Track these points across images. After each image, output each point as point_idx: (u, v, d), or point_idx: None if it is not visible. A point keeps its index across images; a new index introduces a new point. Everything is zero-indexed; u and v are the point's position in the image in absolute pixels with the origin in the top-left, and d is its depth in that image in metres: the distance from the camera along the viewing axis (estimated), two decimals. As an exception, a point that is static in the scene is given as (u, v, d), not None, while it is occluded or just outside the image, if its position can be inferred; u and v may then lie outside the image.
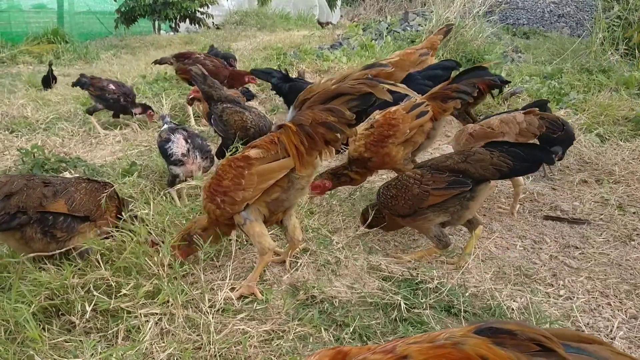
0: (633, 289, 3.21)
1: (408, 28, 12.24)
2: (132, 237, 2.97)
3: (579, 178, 4.96)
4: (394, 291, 2.94)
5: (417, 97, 3.78)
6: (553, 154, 3.17)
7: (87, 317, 2.59)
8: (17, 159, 4.95)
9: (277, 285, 3.06)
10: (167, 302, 2.66)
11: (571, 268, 3.48)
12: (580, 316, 2.88)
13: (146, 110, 6.40)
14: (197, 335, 2.51)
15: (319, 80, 3.29)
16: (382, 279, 3.13)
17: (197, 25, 18.52)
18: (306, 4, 23.85)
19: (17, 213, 2.78)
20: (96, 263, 2.85)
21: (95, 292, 2.66)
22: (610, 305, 3.05)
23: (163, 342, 2.45)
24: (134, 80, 8.64)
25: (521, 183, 4.25)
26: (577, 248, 3.76)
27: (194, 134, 4.30)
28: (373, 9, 18.65)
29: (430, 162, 3.42)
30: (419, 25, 12.12)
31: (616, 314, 2.95)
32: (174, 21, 17.93)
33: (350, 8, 27.84)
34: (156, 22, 18.25)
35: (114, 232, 3.05)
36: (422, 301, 2.85)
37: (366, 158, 3.95)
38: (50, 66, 8.74)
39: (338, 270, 3.20)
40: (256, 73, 6.62)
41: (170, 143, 4.10)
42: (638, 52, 9.04)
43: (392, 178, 3.56)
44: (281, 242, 3.56)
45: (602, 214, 4.26)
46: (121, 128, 6.48)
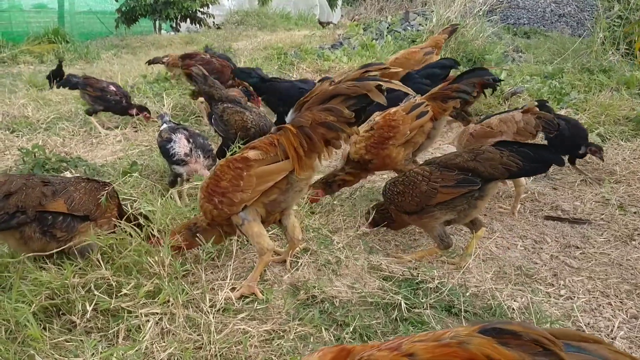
0: (634, 289, 3.21)
1: (409, 28, 12.24)
2: (134, 235, 2.97)
3: (580, 178, 4.96)
4: (395, 291, 2.94)
5: (416, 96, 3.79)
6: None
7: (88, 317, 2.59)
8: (18, 159, 4.95)
9: (278, 285, 3.06)
10: (168, 302, 2.66)
11: (572, 268, 3.48)
12: (580, 316, 2.88)
13: (142, 111, 6.38)
14: (198, 334, 2.51)
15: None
16: (383, 279, 3.13)
17: (198, 25, 18.52)
18: (307, 4, 23.84)
19: (16, 212, 2.77)
20: (97, 262, 2.85)
21: (95, 292, 2.66)
22: (610, 305, 3.05)
23: (164, 342, 2.46)
24: (135, 80, 8.65)
25: (523, 183, 4.25)
26: (578, 248, 3.75)
27: (195, 133, 4.31)
28: (374, 9, 18.64)
29: (439, 160, 3.38)
30: (420, 25, 12.12)
31: (617, 314, 2.95)
32: (175, 21, 17.93)
33: (350, 8, 27.83)
34: (157, 22, 18.26)
35: (116, 230, 3.05)
36: (423, 301, 2.85)
37: (367, 160, 3.94)
38: (60, 62, 8.74)
39: (339, 270, 3.20)
40: (236, 73, 6.54)
41: (172, 143, 4.10)
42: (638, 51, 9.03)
43: (400, 174, 3.54)
44: (281, 242, 3.56)
45: (603, 214, 4.26)
46: (121, 128, 6.48)
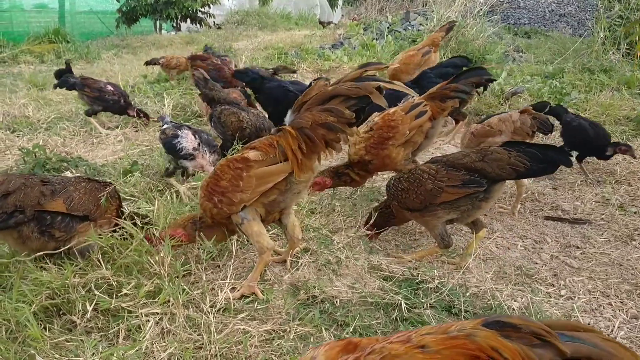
0: (634, 289, 3.21)
1: (409, 27, 12.24)
2: (134, 235, 2.97)
3: (580, 178, 4.96)
4: (395, 291, 2.94)
5: (415, 96, 3.79)
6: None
7: (88, 317, 2.59)
8: (19, 159, 4.95)
9: (278, 285, 3.06)
10: (168, 302, 2.66)
11: (572, 268, 3.48)
12: (581, 316, 2.88)
13: (140, 115, 6.37)
14: (198, 334, 2.51)
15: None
16: (383, 279, 3.13)
17: (199, 24, 18.53)
18: (307, 4, 23.86)
19: (15, 212, 2.78)
20: (97, 262, 2.85)
21: (96, 292, 2.67)
22: (611, 305, 3.05)
23: (164, 342, 2.46)
24: (136, 80, 8.66)
25: (524, 184, 4.25)
26: (578, 248, 3.75)
27: (200, 130, 4.41)
28: (374, 9, 18.63)
29: (445, 158, 3.36)
30: (420, 24, 12.12)
31: (617, 314, 2.95)
32: (175, 21, 17.94)
33: (351, 7, 27.84)
34: (157, 22, 18.27)
35: (117, 231, 3.05)
36: (423, 301, 2.85)
37: (367, 161, 3.94)
38: (67, 63, 8.73)
39: (339, 270, 3.20)
40: (234, 74, 6.54)
41: (179, 138, 4.19)
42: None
43: (405, 171, 3.53)
44: (282, 242, 3.57)
45: (603, 214, 4.26)
46: (122, 127, 6.48)
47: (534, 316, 2.73)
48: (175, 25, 18.33)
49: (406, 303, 2.82)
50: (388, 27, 12.60)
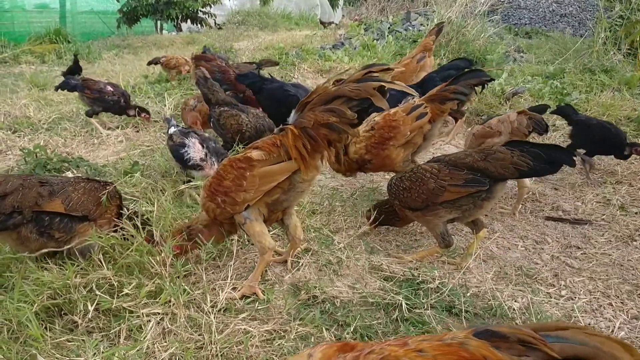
0: (635, 290, 3.20)
1: (410, 28, 12.24)
2: (135, 236, 2.98)
3: (581, 178, 4.96)
4: (396, 291, 2.94)
5: (416, 96, 3.79)
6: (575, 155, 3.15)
7: (90, 317, 2.59)
8: (20, 159, 4.96)
9: (279, 285, 3.07)
10: (169, 302, 2.67)
11: (573, 268, 3.48)
12: (581, 317, 2.88)
13: (141, 112, 6.37)
14: (199, 334, 2.51)
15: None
16: (384, 279, 3.13)
17: (199, 25, 18.53)
18: (308, 4, 23.85)
19: (13, 213, 2.78)
20: (98, 262, 2.86)
21: (97, 292, 2.67)
22: (611, 305, 3.05)
23: (165, 342, 2.46)
24: (137, 80, 8.66)
25: (526, 185, 4.25)
26: (579, 248, 3.75)
27: (207, 138, 4.34)
28: (375, 9, 18.63)
29: (447, 158, 3.36)
30: (421, 25, 12.13)
31: (618, 315, 2.95)
32: (176, 21, 17.94)
33: (352, 8, 27.83)
34: (158, 22, 18.28)
35: (118, 231, 3.06)
36: (424, 301, 2.85)
37: (366, 160, 3.95)
38: (75, 57, 8.73)
39: (339, 270, 3.20)
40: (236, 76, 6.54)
41: (186, 148, 4.12)
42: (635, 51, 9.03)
43: (407, 169, 3.54)
44: (283, 242, 3.57)
45: (604, 214, 4.26)
46: (123, 128, 6.49)
47: (535, 316, 2.73)
48: (176, 25, 18.33)
49: (407, 303, 2.82)
50: (389, 28, 12.61)
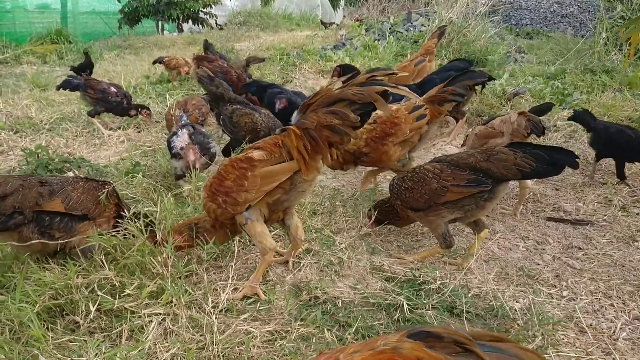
0: (636, 290, 3.20)
1: (411, 28, 12.25)
2: (137, 236, 2.98)
3: (583, 179, 4.96)
4: (397, 292, 2.95)
5: (418, 100, 3.79)
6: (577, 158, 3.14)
7: (91, 317, 2.60)
8: (22, 159, 4.97)
9: (280, 285, 3.07)
10: (171, 302, 2.67)
11: (574, 269, 3.48)
12: (583, 317, 2.88)
13: (142, 110, 6.36)
14: (201, 335, 2.52)
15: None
16: (385, 280, 3.13)
17: (201, 25, 18.54)
18: (309, 4, 23.89)
19: (14, 213, 2.78)
20: (100, 263, 2.86)
21: (99, 292, 2.67)
22: (613, 306, 3.05)
23: (166, 342, 2.47)
24: (138, 80, 8.67)
25: (528, 185, 4.25)
26: (580, 249, 3.75)
27: (200, 132, 4.37)
28: (376, 9, 18.63)
29: (449, 158, 3.35)
30: (422, 25, 12.14)
31: (619, 315, 2.95)
32: (178, 21, 17.96)
33: (353, 8, 27.85)
34: (159, 23, 18.29)
35: (119, 230, 3.06)
36: (425, 302, 2.85)
37: (363, 153, 3.94)
38: (86, 54, 8.76)
39: (341, 270, 3.21)
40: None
41: (174, 137, 4.22)
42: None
43: (409, 170, 3.53)
44: (284, 243, 3.57)
45: (606, 215, 4.26)
46: (124, 129, 6.49)
47: (536, 317, 2.72)
48: (178, 26, 18.34)
49: (408, 304, 2.82)
50: (390, 28, 12.62)
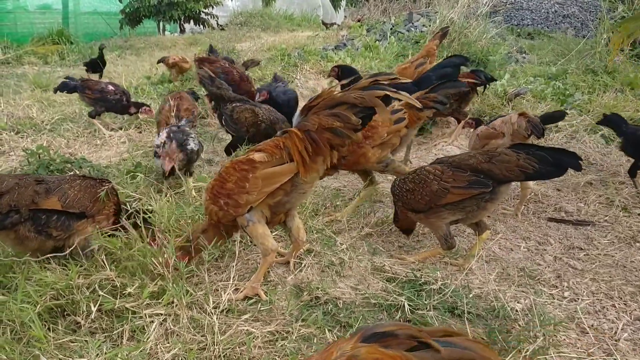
0: (638, 291, 3.20)
1: (412, 29, 12.23)
2: (138, 236, 2.98)
3: (584, 179, 4.95)
4: (398, 292, 2.95)
5: (419, 105, 3.76)
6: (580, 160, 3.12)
7: (93, 318, 2.60)
8: (23, 160, 4.97)
9: (282, 286, 3.07)
10: (172, 303, 2.68)
11: (575, 269, 3.47)
12: (584, 318, 2.88)
13: (141, 107, 6.35)
14: (202, 335, 2.52)
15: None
16: (386, 280, 3.13)
17: (202, 26, 18.54)
18: (310, 5, 23.88)
19: (10, 212, 2.79)
20: (101, 263, 2.87)
21: (100, 292, 2.68)
22: (614, 307, 3.04)
23: (168, 343, 2.47)
24: (139, 81, 8.67)
25: (529, 186, 4.24)
26: (582, 249, 3.75)
27: (181, 130, 4.31)
28: (377, 10, 18.63)
29: (451, 159, 3.35)
30: (423, 25, 12.12)
31: (621, 316, 2.95)
32: (179, 22, 17.96)
33: (354, 9, 27.87)
34: (161, 23, 18.29)
35: (118, 228, 3.07)
36: (426, 302, 2.85)
37: (341, 156, 3.92)
38: (101, 50, 8.76)
39: (342, 271, 3.21)
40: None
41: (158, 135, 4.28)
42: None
43: (410, 171, 3.53)
44: (285, 243, 3.57)
45: (607, 216, 4.25)
46: (126, 129, 6.49)
47: (537, 318, 2.72)
48: (180, 26, 18.34)
49: (409, 304, 2.82)
50: (391, 29, 12.60)
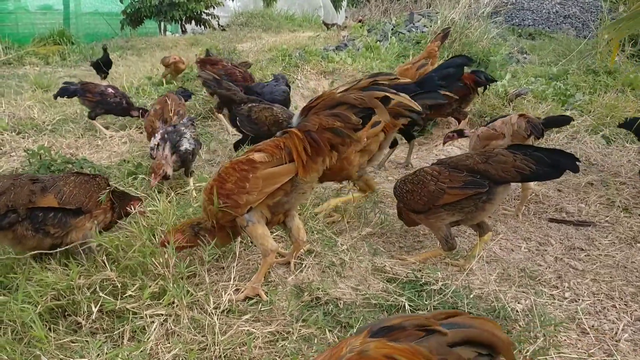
0: (638, 292, 3.19)
1: (413, 29, 12.24)
2: (138, 236, 2.99)
3: (585, 180, 4.95)
4: (399, 293, 2.94)
5: (418, 108, 3.74)
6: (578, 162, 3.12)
7: (93, 318, 2.60)
8: (24, 160, 4.97)
9: (282, 286, 3.07)
10: (173, 303, 2.68)
11: (576, 270, 3.47)
12: (585, 318, 2.87)
13: (143, 113, 6.34)
14: (202, 336, 2.52)
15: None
16: (387, 281, 3.13)
17: (203, 26, 18.54)
18: (311, 5, 23.86)
19: (7, 212, 2.80)
20: (102, 263, 2.87)
21: (101, 293, 2.68)
22: (615, 307, 3.04)
23: (168, 343, 2.47)
24: (140, 81, 8.67)
25: (530, 186, 4.24)
26: (583, 250, 3.74)
27: (176, 131, 4.30)
28: (378, 10, 18.65)
29: (450, 160, 3.37)
30: (424, 26, 12.12)
31: (621, 317, 2.94)
32: (180, 22, 17.96)
33: (355, 9, 27.85)
34: (162, 24, 18.29)
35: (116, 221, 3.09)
36: (427, 303, 2.85)
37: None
38: (105, 50, 8.77)
39: (343, 271, 3.21)
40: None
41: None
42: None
43: (410, 172, 3.54)
44: (286, 244, 3.57)
45: (608, 216, 4.25)
46: (127, 129, 6.50)
47: (538, 318, 2.71)
48: (182, 27, 18.35)
49: (410, 305, 2.82)
50: (392, 29, 12.61)
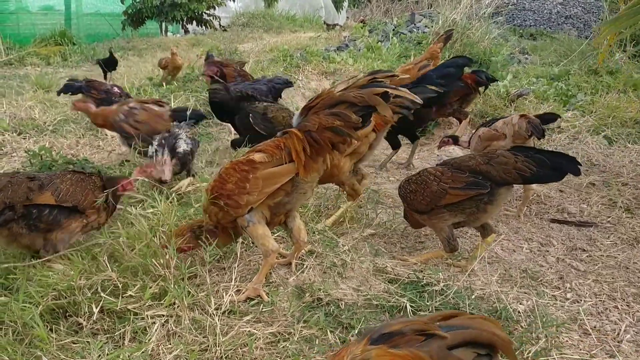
0: (641, 293, 3.19)
1: (414, 29, 12.23)
2: (139, 237, 2.98)
3: (587, 180, 4.94)
4: (400, 294, 2.94)
5: (420, 101, 3.73)
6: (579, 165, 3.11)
7: (94, 319, 2.60)
8: (25, 161, 4.98)
9: (283, 287, 3.06)
10: (174, 304, 2.67)
11: (578, 271, 3.46)
12: (587, 319, 2.87)
13: None
14: (204, 337, 2.52)
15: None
16: (388, 282, 3.13)
17: (204, 27, 18.55)
18: (313, 6, 23.85)
19: (4, 210, 2.81)
20: (103, 264, 2.87)
21: (102, 294, 2.68)
22: (617, 308, 3.03)
23: (169, 344, 2.47)
24: (141, 82, 8.67)
25: (532, 187, 4.23)
26: (585, 251, 3.74)
27: (174, 135, 4.28)
28: (379, 11, 18.67)
29: (453, 161, 3.37)
30: (426, 26, 12.11)
31: (623, 317, 2.93)
32: (181, 23, 17.97)
33: (356, 9, 27.86)
34: (163, 24, 18.30)
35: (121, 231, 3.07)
36: (428, 304, 2.85)
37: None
38: (110, 50, 8.79)
39: (344, 272, 3.20)
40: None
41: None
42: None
43: (414, 173, 3.53)
44: (287, 244, 3.57)
45: (610, 217, 4.24)
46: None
47: (540, 319, 2.71)
48: (183, 27, 18.35)
49: (411, 306, 2.81)
50: (393, 29, 12.61)
